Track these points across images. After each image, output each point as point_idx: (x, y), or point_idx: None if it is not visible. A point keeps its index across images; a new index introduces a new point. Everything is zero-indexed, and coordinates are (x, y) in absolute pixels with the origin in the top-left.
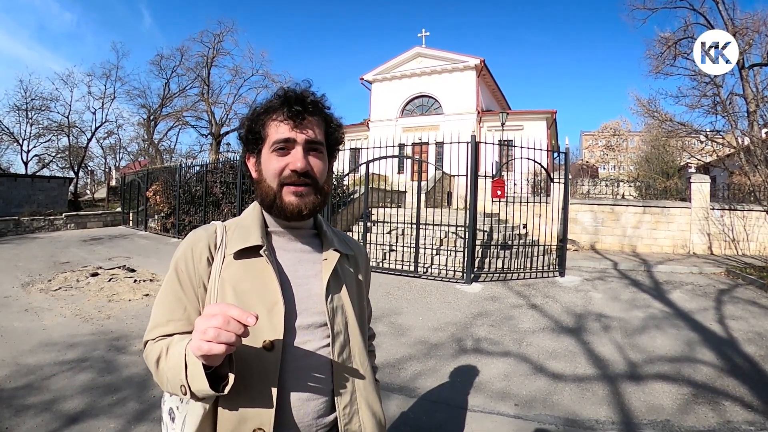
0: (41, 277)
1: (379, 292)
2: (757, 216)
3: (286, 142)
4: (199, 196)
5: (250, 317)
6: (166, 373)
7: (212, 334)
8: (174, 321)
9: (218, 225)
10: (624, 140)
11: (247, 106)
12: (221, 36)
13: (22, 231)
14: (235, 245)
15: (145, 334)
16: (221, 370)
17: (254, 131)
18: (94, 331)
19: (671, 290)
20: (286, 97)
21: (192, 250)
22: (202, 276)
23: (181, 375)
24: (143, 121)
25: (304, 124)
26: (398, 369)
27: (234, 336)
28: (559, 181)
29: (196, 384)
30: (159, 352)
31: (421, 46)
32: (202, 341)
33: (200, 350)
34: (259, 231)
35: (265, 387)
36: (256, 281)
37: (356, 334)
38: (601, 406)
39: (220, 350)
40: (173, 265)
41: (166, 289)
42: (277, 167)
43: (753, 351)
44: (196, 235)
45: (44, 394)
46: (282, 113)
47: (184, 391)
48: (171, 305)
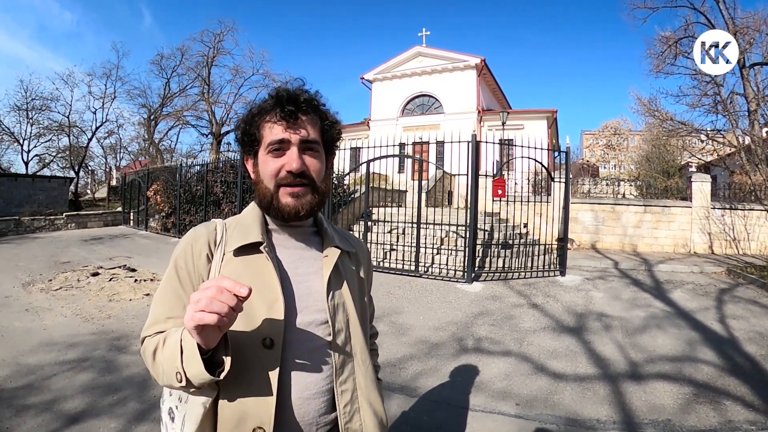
0: (42, 276)
1: (380, 292)
2: (758, 215)
3: (281, 143)
4: (200, 195)
5: (243, 288)
6: (162, 364)
7: (205, 303)
8: (173, 318)
9: (218, 222)
10: (625, 139)
11: (248, 106)
12: (221, 35)
13: (22, 231)
14: (235, 242)
15: (143, 331)
16: (217, 355)
17: (249, 133)
18: (94, 330)
19: (672, 289)
20: (279, 97)
21: (192, 246)
22: (202, 273)
23: (176, 361)
24: (144, 121)
25: (298, 124)
26: (399, 368)
27: (227, 307)
28: (559, 181)
29: (192, 368)
30: (156, 344)
31: (421, 46)
32: (195, 312)
33: (193, 320)
34: (259, 228)
35: (265, 385)
36: (255, 278)
37: (357, 332)
38: (602, 406)
39: (212, 320)
40: (173, 261)
41: (166, 286)
42: (273, 168)
43: (754, 350)
44: (196, 232)
45: (45, 394)
46: (275, 114)
47: (180, 379)
48: (170, 302)
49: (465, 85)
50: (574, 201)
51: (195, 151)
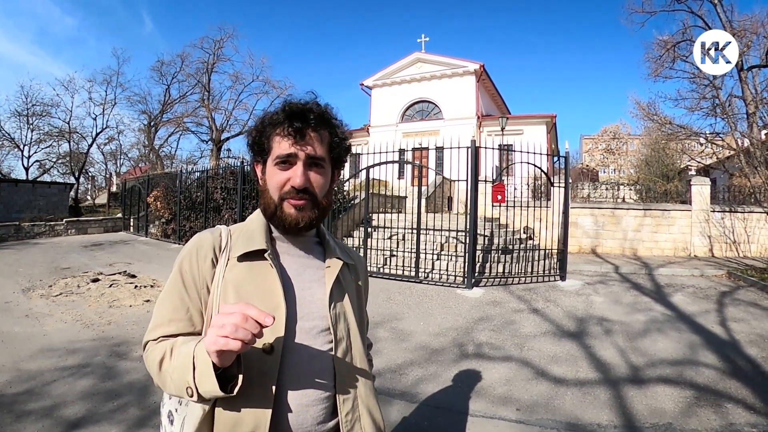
0: (42, 282)
1: (380, 298)
2: (758, 218)
3: (288, 158)
4: (200, 201)
5: (268, 317)
6: (171, 374)
7: (229, 330)
8: (176, 321)
9: (223, 228)
10: (624, 143)
11: (248, 112)
12: (222, 42)
13: (23, 236)
14: (240, 248)
15: (146, 334)
16: (228, 371)
17: (260, 143)
18: (94, 336)
19: (673, 293)
20: (290, 111)
21: (197, 251)
22: (206, 277)
23: (187, 376)
24: (144, 127)
25: (305, 141)
26: (399, 374)
27: (250, 334)
28: (559, 185)
29: (205, 385)
30: (162, 353)
31: (420, 52)
32: (219, 336)
33: (216, 345)
34: (263, 235)
35: (264, 390)
36: (259, 284)
37: (357, 342)
38: (603, 410)
39: (236, 347)
40: (178, 265)
41: (170, 289)
42: (279, 181)
43: (755, 353)
44: (201, 236)
45: (45, 400)
46: (284, 128)
47: (190, 393)
48: (174, 305)
49: (464, 90)
50: (573, 206)
51: (195, 157)
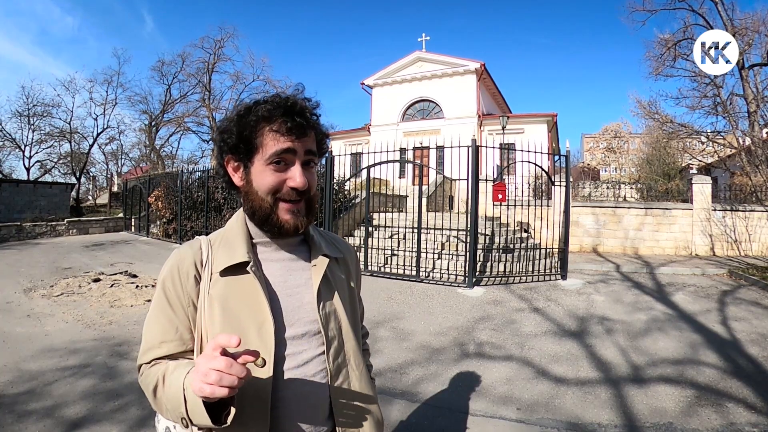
0: (43, 282)
1: (381, 297)
2: (759, 216)
3: (287, 156)
4: (201, 201)
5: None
6: (165, 404)
7: (214, 378)
8: (167, 342)
9: (203, 240)
10: (625, 142)
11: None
12: (222, 42)
13: (24, 237)
14: (222, 262)
15: (138, 357)
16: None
17: (245, 138)
18: (96, 336)
19: (674, 292)
20: (289, 107)
21: (178, 269)
22: (191, 294)
23: (180, 408)
24: (145, 127)
25: (304, 140)
26: (400, 374)
27: (236, 379)
28: (560, 184)
29: (197, 418)
30: (156, 381)
31: (421, 51)
32: (204, 384)
33: (202, 392)
34: (244, 246)
35: (259, 403)
36: (244, 298)
37: (350, 338)
38: (604, 410)
39: (222, 393)
40: (160, 284)
41: (156, 310)
42: (273, 182)
43: (756, 352)
44: (181, 253)
45: (46, 400)
46: (282, 125)
47: (186, 424)
48: (162, 326)
49: (465, 89)
50: (574, 204)
51: (196, 157)
